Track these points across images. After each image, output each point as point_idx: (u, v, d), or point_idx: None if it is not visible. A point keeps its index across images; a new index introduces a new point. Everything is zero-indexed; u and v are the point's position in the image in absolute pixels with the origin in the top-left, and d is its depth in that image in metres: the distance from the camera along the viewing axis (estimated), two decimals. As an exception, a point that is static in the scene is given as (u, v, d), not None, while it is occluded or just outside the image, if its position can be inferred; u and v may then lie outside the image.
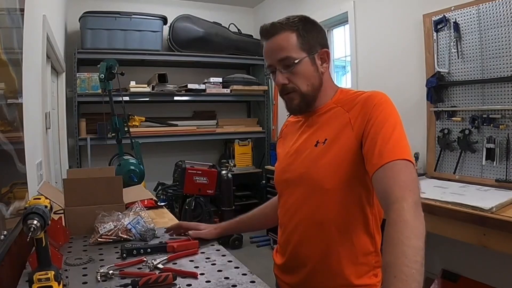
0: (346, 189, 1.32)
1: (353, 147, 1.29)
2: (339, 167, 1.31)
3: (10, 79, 1.66)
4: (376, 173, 1.17)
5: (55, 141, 4.16)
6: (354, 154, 1.29)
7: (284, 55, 1.35)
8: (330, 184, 1.32)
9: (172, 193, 4.47)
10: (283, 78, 1.37)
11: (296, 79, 1.37)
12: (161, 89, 5.26)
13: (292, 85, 1.38)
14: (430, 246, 3.60)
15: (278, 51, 1.36)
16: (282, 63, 1.36)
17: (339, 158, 1.31)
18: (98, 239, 1.71)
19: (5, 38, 1.56)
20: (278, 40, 1.36)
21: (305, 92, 1.39)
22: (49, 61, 3.56)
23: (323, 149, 1.36)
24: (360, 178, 1.31)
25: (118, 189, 1.99)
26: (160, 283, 1.25)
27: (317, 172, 1.34)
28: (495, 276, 2.99)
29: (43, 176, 2.50)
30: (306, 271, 1.41)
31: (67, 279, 1.30)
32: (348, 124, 1.33)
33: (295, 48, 1.36)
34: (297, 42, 1.36)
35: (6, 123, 1.53)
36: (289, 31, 1.36)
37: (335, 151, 1.32)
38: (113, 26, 5.03)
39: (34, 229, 1.11)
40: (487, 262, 3.05)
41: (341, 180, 1.31)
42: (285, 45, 1.35)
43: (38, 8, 2.61)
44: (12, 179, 1.63)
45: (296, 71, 1.36)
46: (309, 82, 1.39)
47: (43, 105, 2.70)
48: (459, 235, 2.54)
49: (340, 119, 1.36)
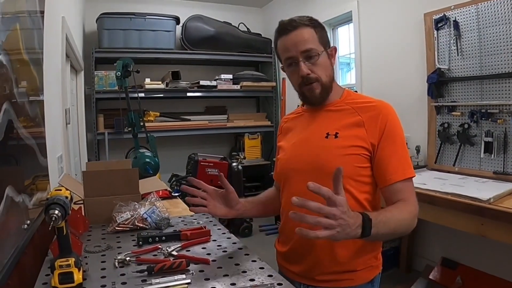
0: (354, 178, 1.36)
1: (365, 146, 1.35)
2: (350, 159, 1.35)
3: (31, 77, 1.67)
4: (391, 186, 1.33)
5: (74, 136, 4.18)
6: (364, 151, 1.35)
7: (309, 47, 1.37)
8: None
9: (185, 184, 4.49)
10: (306, 69, 1.39)
11: (318, 70, 1.40)
12: (174, 85, 5.26)
13: (315, 75, 1.40)
14: (430, 235, 3.63)
15: (302, 43, 1.38)
16: (306, 54, 1.38)
17: (351, 151, 1.35)
18: (115, 227, 1.72)
19: (26, 39, 1.57)
20: (302, 33, 1.38)
21: (325, 82, 1.42)
22: (68, 60, 3.56)
23: (334, 141, 1.39)
24: (366, 172, 1.36)
25: (134, 181, 2.00)
26: (174, 269, 1.26)
27: (329, 161, 1.35)
28: (493, 264, 2.99)
29: (64, 168, 2.52)
30: (311, 259, 1.41)
31: (87, 265, 1.31)
32: (361, 124, 1.37)
33: (316, 42, 1.39)
34: (316, 37, 1.39)
35: (28, 119, 1.53)
36: (309, 26, 1.39)
37: (347, 144, 1.36)
38: (129, 26, 5.04)
39: (56, 219, 1.12)
40: (485, 251, 3.04)
41: (351, 171, 1.34)
42: (309, 38, 1.38)
43: (58, 10, 2.62)
44: (34, 172, 1.65)
45: (319, 62, 1.39)
46: (327, 73, 1.43)
47: (63, 102, 2.71)
48: (458, 225, 2.53)
49: (352, 119, 1.40)
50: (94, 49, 4.91)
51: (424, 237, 3.67)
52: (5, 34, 1.25)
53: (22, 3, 1.53)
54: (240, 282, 1.20)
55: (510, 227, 2.17)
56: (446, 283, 3.21)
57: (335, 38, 5.13)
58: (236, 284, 1.18)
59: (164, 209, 1.86)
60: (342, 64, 5.23)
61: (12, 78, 1.29)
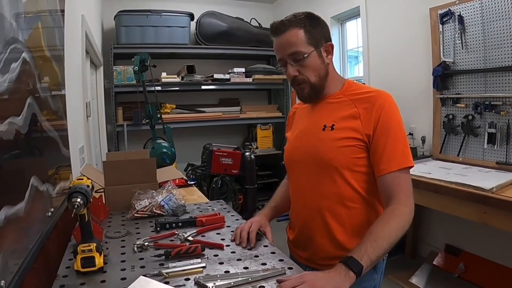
0: (351, 168, 1.35)
1: (360, 137, 1.33)
2: (345, 150, 1.34)
3: (53, 73, 1.69)
4: (384, 177, 1.30)
5: (95, 128, 4.21)
6: (360, 143, 1.34)
7: (294, 50, 1.36)
8: (339, 163, 1.34)
9: (200, 173, 4.49)
10: (293, 71, 1.39)
11: (306, 71, 1.39)
12: (189, 79, 5.26)
13: (302, 77, 1.40)
14: (435, 222, 3.62)
15: (288, 46, 1.37)
16: (292, 57, 1.38)
17: (346, 142, 1.34)
18: (134, 214, 1.75)
19: (48, 37, 1.58)
20: (288, 36, 1.37)
21: (314, 82, 1.41)
22: (88, 56, 3.58)
23: (331, 133, 1.38)
24: (362, 162, 1.35)
25: (152, 170, 2.02)
26: (190, 254, 1.28)
27: (326, 152, 1.36)
28: (495, 251, 2.98)
29: (85, 159, 2.55)
30: (314, 245, 1.43)
31: (107, 250, 1.33)
32: (357, 116, 1.35)
33: (304, 43, 1.37)
34: (304, 38, 1.37)
35: (51, 113, 1.55)
36: (297, 27, 1.37)
37: (342, 136, 1.35)
38: (145, 23, 5.03)
39: (78, 206, 1.14)
40: (487, 238, 3.03)
41: (347, 161, 1.34)
42: (295, 41, 1.36)
43: (77, 9, 2.63)
44: (57, 162, 1.67)
45: (305, 64, 1.38)
46: (316, 73, 1.41)
47: (84, 96, 2.73)
48: (462, 213, 2.52)
49: (348, 110, 1.38)
50: (113, 45, 4.91)
51: (428, 224, 3.65)
52: (28, 32, 1.26)
53: (43, 3, 1.54)
54: (252, 266, 1.21)
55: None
56: (449, 269, 3.20)
57: (343, 33, 5.09)
58: (249, 268, 1.20)
59: (180, 197, 1.88)
60: (351, 58, 5.18)
61: (35, 74, 1.31)
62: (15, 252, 0.97)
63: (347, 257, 1.10)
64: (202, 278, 1.10)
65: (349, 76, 5.04)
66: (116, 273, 1.18)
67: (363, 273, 1.09)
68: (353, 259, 1.09)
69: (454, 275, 3.12)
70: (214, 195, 4.31)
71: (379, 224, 1.21)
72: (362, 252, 1.11)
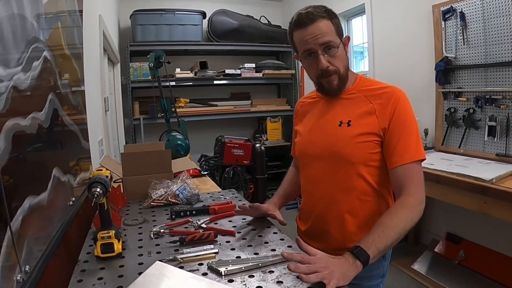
0: (366, 163, 1.33)
1: (377, 132, 1.31)
2: (362, 146, 1.32)
3: (73, 70, 1.70)
4: (396, 169, 1.27)
5: (113, 121, 4.23)
6: (376, 138, 1.31)
7: (327, 39, 1.30)
8: (356, 158, 1.32)
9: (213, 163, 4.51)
10: (326, 62, 1.32)
11: (336, 62, 1.34)
12: (202, 74, 5.27)
13: (333, 68, 1.34)
14: (436, 211, 3.60)
15: (321, 36, 1.29)
16: (326, 47, 1.31)
17: (363, 138, 1.32)
18: (151, 203, 1.76)
19: (67, 36, 1.59)
20: (320, 26, 1.30)
21: (342, 73, 1.37)
22: (105, 54, 3.59)
23: (347, 129, 1.35)
24: (377, 156, 1.33)
25: (167, 161, 2.03)
26: (203, 240, 1.29)
27: (343, 148, 1.34)
28: (494, 240, 2.96)
29: (104, 151, 2.56)
30: (327, 237, 1.42)
31: (126, 236, 1.35)
32: (372, 112, 1.33)
33: (334, 34, 1.32)
34: (333, 28, 1.32)
35: (71, 108, 1.56)
36: (326, 18, 1.31)
37: (359, 132, 1.32)
38: (160, 21, 5.04)
39: (98, 196, 1.15)
40: (486, 227, 3.01)
41: (363, 157, 1.32)
42: (327, 31, 1.30)
43: (95, 9, 2.64)
44: (78, 154, 1.68)
45: (337, 54, 1.33)
46: (344, 64, 1.37)
47: (102, 91, 2.74)
48: (463, 203, 2.50)
49: (363, 107, 1.35)
50: (129, 43, 4.93)
51: (431, 213, 3.63)
52: (48, 32, 1.27)
53: (63, 4, 1.54)
54: (262, 252, 1.22)
55: (511, 205, 2.14)
56: (450, 256, 3.19)
57: (349, 29, 5.06)
58: (259, 254, 1.20)
59: (194, 186, 1.88)
60: (356, 53, 5.14)
61: (56, 71, 1.31)
62: (39, 239, 0.99)
63: (355, 247, 1.08)
64: (215, 263, 1.10)
65: (354, 71, 4.99)
66: (133, 258, 1.19)
67: (370, 262, 1.07)
68: (361, 248, 1.07)
69: (454, 262, 3.11)
70: (226, 184, 4.33)
71: (388, 215, 1.19)
72: (370, 242, 1.09)
